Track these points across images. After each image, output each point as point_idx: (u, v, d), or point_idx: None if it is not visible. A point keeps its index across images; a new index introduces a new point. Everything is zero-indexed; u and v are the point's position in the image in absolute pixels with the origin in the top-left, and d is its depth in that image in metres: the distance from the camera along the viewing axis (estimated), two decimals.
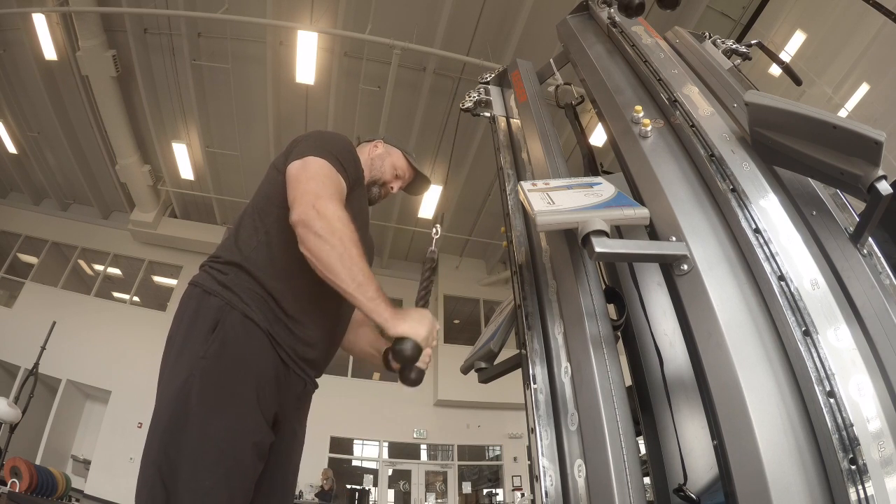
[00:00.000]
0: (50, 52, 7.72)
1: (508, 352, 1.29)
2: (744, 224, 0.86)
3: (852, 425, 0.63)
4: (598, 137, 5.58)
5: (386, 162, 1.50)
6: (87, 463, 8.94)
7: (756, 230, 0.84)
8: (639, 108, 1.13)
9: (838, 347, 0.70)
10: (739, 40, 1.66)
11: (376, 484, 10.43)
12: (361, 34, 6.99)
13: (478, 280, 12.19)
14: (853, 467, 0.61)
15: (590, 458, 0.85)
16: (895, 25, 3.32)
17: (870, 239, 0.84)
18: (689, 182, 0.99)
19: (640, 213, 0.94)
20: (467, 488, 10.81)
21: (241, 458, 0.98)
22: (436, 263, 1.45)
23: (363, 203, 1.38)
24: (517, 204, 1.46)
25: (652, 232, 0.96)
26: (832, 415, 0.65)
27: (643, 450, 1.07)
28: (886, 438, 0.63)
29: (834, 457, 0.63)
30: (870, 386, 0.67)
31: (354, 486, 9.70)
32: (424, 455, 11.13)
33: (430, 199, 9.24)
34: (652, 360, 1.13)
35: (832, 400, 0.66)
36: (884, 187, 0.75)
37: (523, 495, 9.68)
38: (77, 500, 6.93)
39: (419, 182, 1.60)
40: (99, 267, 11.34)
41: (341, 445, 10.44)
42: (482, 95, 1.85)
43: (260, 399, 1.04)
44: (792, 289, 0.76)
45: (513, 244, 1.38)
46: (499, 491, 10.87)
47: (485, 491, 11.02)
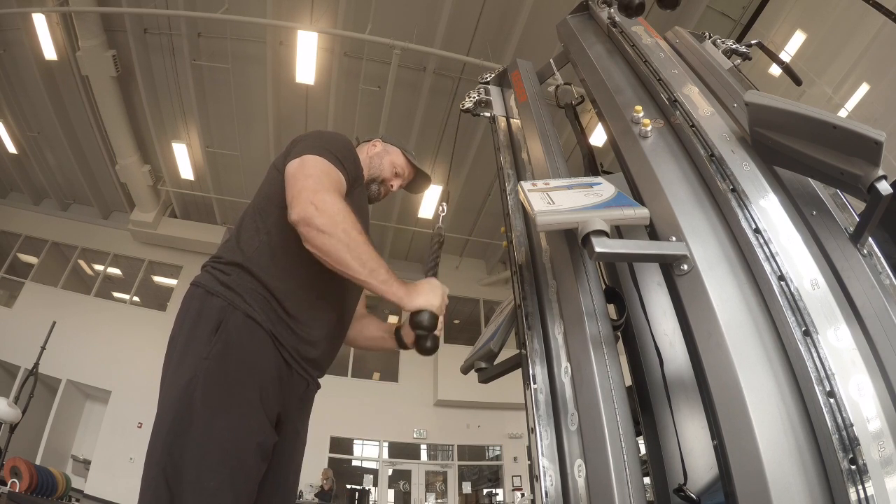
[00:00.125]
0: (50, 52, 7.72)
1: (508, 352, 1.29)
2: (744, 224, 0.86)
3: (852, 425, 0.63)
4: (598, 137, 5.58)
5: (385, 160, 1.50)
6: (87, 463, 8.93)
7: (756, 230, 0.84)
8: (639, 108, 1.13)
9: (838, 347, 0.70)
10: (739, 40, 1.66)
11: (376, 484, 10.43)
12: (361, 34, 6.98)
13: (478, 280, 12.18)
14: (853, 467, 0.61)
15: (590, 458, 0.85)
16: (895, 25, 3.32)
17: (870, 239, 0.83)
18: (689, 182, 0.99)
19: (640, 213, 0.94)
20: (467, 488, 10.80)
21: (245, 459, 0.98)
22: (443, 238, 1.49)
23: (363, 202, 1.38)
24: (517, 204, 1.46)
25: (652, 232, 0.96)
26: (832, 415, 0.65)
27: (643, 450, 1.07)
28: (886, 438, 0.63)
29: (834, 457, 0.63)
30: (870, 386, 0.67)
31: (354, 486, 9.70)
32: (424, 455, 11.12)
33: (431, 200, 9.23)
34: (652, 360, 1.13)
35: (832, 400, 0.66)
36: (884, 187, 0.75)
37: (523, 495, 9.67)
38: (77, 500, 6.93)
39: (419, 180, 1.61)
40: (99, 267, 11.35)
41: (341, 445, 10.43)
42: (482, 95, 1.84)
43: (263, 399, 1.04)
44: (792, 289, 0.76)
45: (513, 244, 1.38)
46: (499, 491, 10.86)
47: (485, 491, 11.01)
